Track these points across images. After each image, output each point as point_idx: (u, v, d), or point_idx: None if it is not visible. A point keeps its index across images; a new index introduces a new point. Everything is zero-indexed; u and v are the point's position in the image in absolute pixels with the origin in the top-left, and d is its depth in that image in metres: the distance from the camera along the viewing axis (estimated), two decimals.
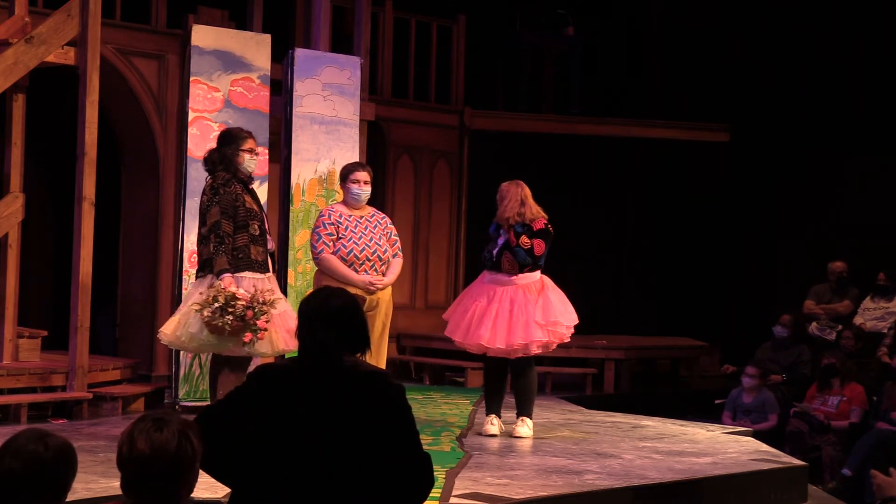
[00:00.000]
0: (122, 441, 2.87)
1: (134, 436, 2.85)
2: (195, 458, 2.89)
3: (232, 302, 6.24)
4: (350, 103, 9.18)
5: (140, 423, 2.88)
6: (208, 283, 6.46)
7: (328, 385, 3.37)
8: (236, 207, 6.50)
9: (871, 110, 11.83)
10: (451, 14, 11.96)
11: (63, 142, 8.62)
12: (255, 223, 6.57)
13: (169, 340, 6.59)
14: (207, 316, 6.25)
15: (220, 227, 6.44)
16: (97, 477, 5.39)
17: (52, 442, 2.84)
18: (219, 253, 6.41)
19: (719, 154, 12.82)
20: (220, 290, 6.29)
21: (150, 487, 2.84)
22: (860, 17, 11.91)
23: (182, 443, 2.85)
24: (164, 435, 2.84)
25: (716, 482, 6.26)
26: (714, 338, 12.17)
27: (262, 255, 6.60)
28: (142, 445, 2.83)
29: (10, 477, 2.79)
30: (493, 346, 7.19)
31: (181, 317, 6.50)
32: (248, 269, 6.50)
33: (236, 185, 6.56)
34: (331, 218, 7.13)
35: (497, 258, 7.28)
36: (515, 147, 12.46)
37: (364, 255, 7.06)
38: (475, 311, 7.29)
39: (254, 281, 6.49)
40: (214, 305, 6.24)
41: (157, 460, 2.82)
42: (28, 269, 8.85)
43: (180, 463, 2.85)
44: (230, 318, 6.23)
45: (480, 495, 5.41)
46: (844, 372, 9.48)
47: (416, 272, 11.58)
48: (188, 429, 2.89)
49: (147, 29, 9.17)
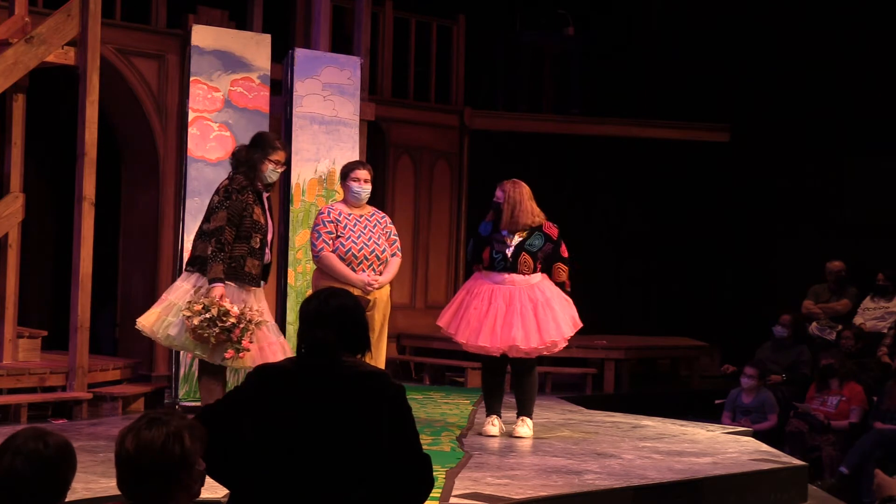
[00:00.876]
0: (118, 437, 2.88)
1: (125, 433, 2.85)
2: (186, 459, 2.84)
3: (223, 317, 6.22)
4: (350, 103, 9.18)
5: (137, 420, 2.88)
6: (194, 282, 6.44)
7: (326, 385, 3.37)
8: (243, 217, 6.46)
9: (871, 110, 11.83)
10: (451, 14, 11.97)
11: (63, 142, 8.63)
12: (257, 236, 6.53)
13: (146, 333, 6.56)
14: (196, 324, 6.23)
15: (223, 234, 6.39)
16: (97, 477, 5.39)
17: (51, 440, 2.85)
18: (216, 259, 6.36)
19: (719, 154, 12.82)
20: (214, 302, 6.25)
21: (140, 486, 2.84)
22: (860, 16, 11.90)
23: (169, 442, 2.81)
24: (152, 433, 2.82)
25: (716, 482, 6.26)
26: (714, 338, 12.17)
27: (256, 268, 6.56)
28: (128, 443, 2.83)
29: (11, 474, 2.79)
30: (528, 346, 7.14)
31: (162, 311, 6.47)
32: (238, 280, 6.46)
33: (249, 195, 6.51)
34: (330, 216, 7.12)
35: (513, 259, 7.26)
36: (515, 147, 12.46)
37: (363, 255, 7.05)
38: (496, 314, 7.19)
39: (242, 295, 6.46)
40: (205, 315, 6.21)
41: (141, 458, 2.81)
42: (28, 269, 8.85)
43: (165, 462, 2.81)
44: (217, 331, 6.22)
45: (480, 495, 5.41)
46: (843, 372, 9.48)
47: (416, 272, 11.59)
48: (185, 430, 2.86)
49: (147, 29, 9.17)
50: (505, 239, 7.27)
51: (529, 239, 7.27)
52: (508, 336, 7.13)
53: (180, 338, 6.38)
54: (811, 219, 12.29)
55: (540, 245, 7.28)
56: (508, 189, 7.31)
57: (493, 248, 7.29)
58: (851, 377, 9.52)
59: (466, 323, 7.27)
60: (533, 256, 7.24)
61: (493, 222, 7.38)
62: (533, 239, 7.28)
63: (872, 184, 11.75)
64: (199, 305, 6.26)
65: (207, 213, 6.57)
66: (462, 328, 7.28)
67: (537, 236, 7.29)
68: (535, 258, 7.25)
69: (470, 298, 7.34)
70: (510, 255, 7.23)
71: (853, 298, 10.73)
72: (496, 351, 7.22)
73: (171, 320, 6.41)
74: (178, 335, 6.37)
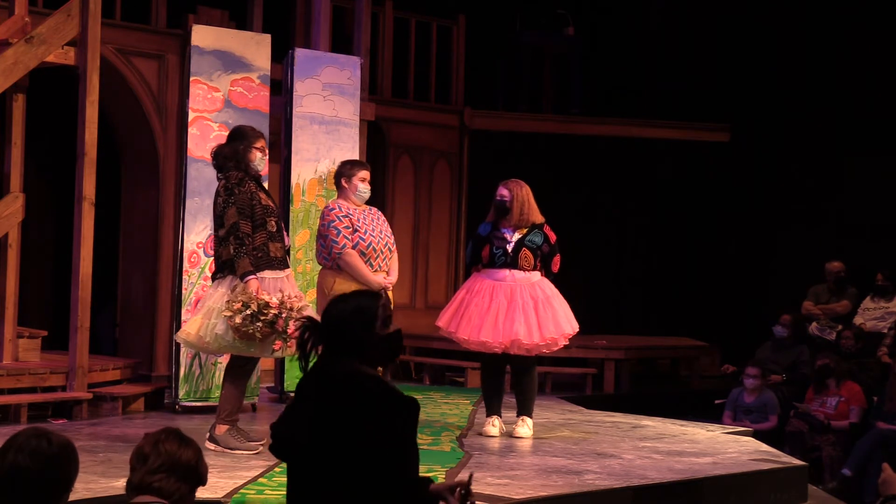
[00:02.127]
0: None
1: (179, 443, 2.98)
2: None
3: (264, 310, 6.17)
4: (350, 103, 9.18)
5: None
6: (228, 284, 6.38)
7: (330, 389, 3.36)
8: (252, 206, 6.43)
9: (871, 110, 11.83)
10: (451, 14, 11.97)
11: (63, 142, 8.62)
12: (272, 220, 6.51)
13: (192, 342, 6.51)
14: (239, 322, 6.17)
15: (239, 229, 6.36)
16: (97, 477, 5.39)
17: (54, 437, 2.87)
18: (240, 255, 6.33)
19: (719, 154, 12.82)
20: (252, 297, 6.19)
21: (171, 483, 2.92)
22: (860, 16, 11.90)
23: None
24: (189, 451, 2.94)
25: (716, 482, 6.26)
26: (714, 338, 12.17)
27: (280, 251, 6.54)
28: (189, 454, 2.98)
29: (16, 471, 2.80)
30: (530, 341, 7.15)
31: (202, 318, 6.41)
32: (268, 267, 6.43)
33: (250, 184, 6.50)
34: (342, 210, 7.12)
35: (514, 255, 7.27)
36: (515, 147, 12.46)
37: (380, 247, 7.09)
38: (497, 309, 7.19)
39: (277, 282, 6.43)
40: (246, 312, 6.15)
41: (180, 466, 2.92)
42: (28, 269, 8.85)
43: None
44: (260, 325, 6.17)
45: (480, 495, 5.39)
46: (839, 372, 9.49)
47: (416, 272, 11.59)
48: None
49: (147, 29, 9.16)
50: (505, 235, 7.29)
51: (530, 235, 7.29)
52: (511, 331, 7.13)
53: (226, 338, 6.30)
54: (811, 219, 12.29)
55: (539, 243, 7.29)
56: (515, 188, 7.34)
57: (492, 245, 7.30)
58: (848, 377, 9.52)
59: (468, 320, 7.26)
60: (533, 253, 7.25)
61: (492, 222, 7.39)
62: (533, 236, 7.29)
63: (872, 184, 11.75)
64: (238, 304, 6.19)
65: (217, 220, 6.51)
66: (463, 325, 7.28)
67: (537, 233, 7.31)
68: (536, 255, 7.26)
69: (470, 297, 7.34)
70: (510, 250, 7.25)
71: (853, 299, 10.73)
72: (498, 346, 7.21)
73: (215, 322, 6.34)
74: (226, 336, 6.30)
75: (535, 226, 7.33)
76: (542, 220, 7.37)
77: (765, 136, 12.64)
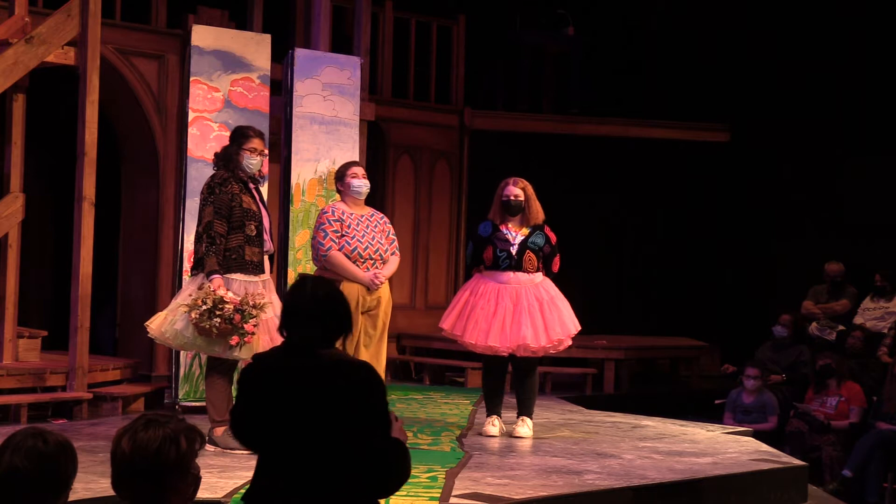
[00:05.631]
0: (114, 437, 2.88)
1: (121, 433, 2.85)
2: (181, 463, 2.83)
3: (220, 305, 6.22)
4: (350, 103, 9.18)
5: (134, 421, 2.88)
6: (198, 282, 6.45)
7: (299, 373, 3.38)
8: (231, 207, 6.48)
9: (871, 110, 11.83)
10: (451, 14, 11.97)
11: (63, 142, 8.63)
12: (251, 224, 6.53)
13: (154, 335, 6.57)
14: (195, 317, 6.24)
15: (213, 228, 6.42)
16: (97, 477, 5.39)
17: (51, 437, 2.85)
18: (209, 254, 6.40)
19: (719, 154, 12.82)
20: (209, 293, 6.27)
21: (133, 487, 2.83)
22: (860, 17, 11.90)
23: (165, 445, 2.81)
24: (149, 434, 2.82)
25: (716, 482, 6.26)
26: (714, 338, 12.17)
27: (257, 255, 6.57)
28: (124, 444, 2.83)
29: (12, 472, 2.79)
30: (537, 344, 7.15)
31: (168, 313, 6.49)
32: (240, 270, 6.48)
33: (233, 185, 6.54)
34: (335, 214, 7.12)
35: (518, 257, 7.27)
36: (515, 147, 12.46)
37: (367, 254, 7.05)
38: (504, 313, 7.17)
39: (245, 284, 6.47)
40: (202, 307, 6.23)
41: (135, 460, 2.80)
42: (28, 269, 8.85)
43: (161, 464, 2.81)
44: (218, 321, 6.23)
45: (480, 495, 5.40)
46: (840, 372, 9.49)
47: (416, 272, 11.59)
48: (182, 433, 2.85)
49: (147, 29, 9.17)
50: (507, 237, 7.28)
51: (532, 237, 7.29)
52: (518, 335, 7.13)
53: (185, 334, 6.36)
54: (811, 219, 12.29)
55: (541, 244, 7.29)
56: (527, 187, 7.35)
57: (496, 247, 7.28)
58: (849, 377, 9.52)
59: (474, 323, 7.24)
60: (536, 254, 7.25)
61: (493, 222, 7.38)
62: (535, 237, 7.29)
63: (872, 184, 11.75)
64: (199, 300, 6.28)
65: (199, 216, 6.60)
66: (470, 329, 7.25)
67: (539, 234, 7.31)
68: (538, 256, 7.27)
69: (475, 299, 7.30)
70: (515, 252, 7.24)
71: (852, 299, 10.73)
72: (506, 351, 7.21)
73: (175, 319, 6.41)
74: (183, 330, 6.36)
75: (536, 226, 7.33)
76: (543, 220, 7.39)
77: (765, 136, 12.63)
